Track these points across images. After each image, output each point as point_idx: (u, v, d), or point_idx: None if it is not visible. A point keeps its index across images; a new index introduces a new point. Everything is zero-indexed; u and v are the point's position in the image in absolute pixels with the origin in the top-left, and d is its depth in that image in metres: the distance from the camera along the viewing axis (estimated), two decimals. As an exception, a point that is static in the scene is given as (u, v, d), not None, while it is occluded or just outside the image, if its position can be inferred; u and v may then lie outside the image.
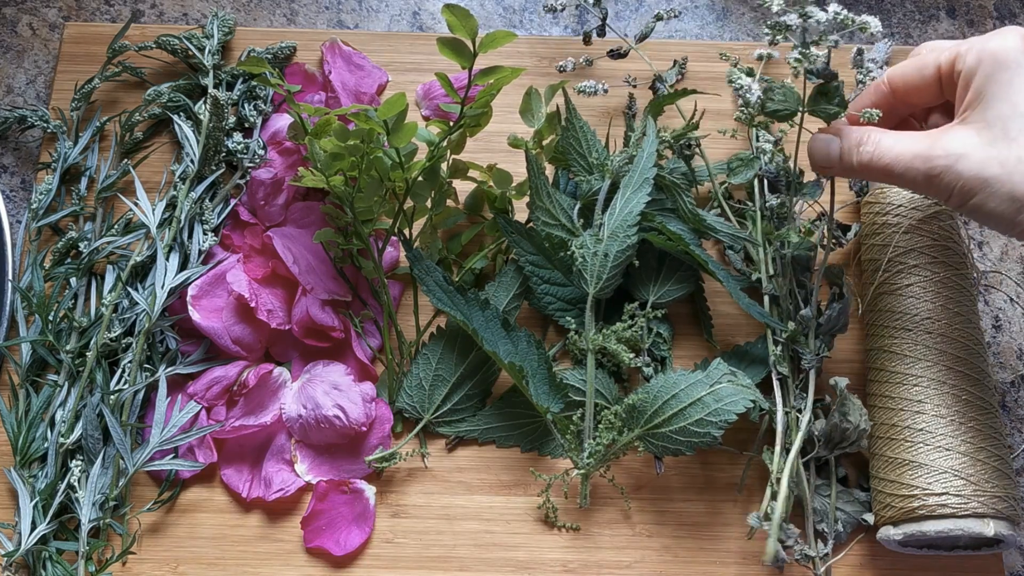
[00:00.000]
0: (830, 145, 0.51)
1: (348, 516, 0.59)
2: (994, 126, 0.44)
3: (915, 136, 0.48)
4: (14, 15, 0.72)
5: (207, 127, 0.64)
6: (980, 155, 0.44)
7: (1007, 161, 0.44)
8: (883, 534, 0.55)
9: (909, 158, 0.47)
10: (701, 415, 0.54)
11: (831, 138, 0.51)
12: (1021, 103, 0.44)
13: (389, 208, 0.61)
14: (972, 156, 0.45)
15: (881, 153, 0.48)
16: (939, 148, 0.46)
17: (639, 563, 0.59)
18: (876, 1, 0.74)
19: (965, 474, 0.53)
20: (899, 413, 0.56)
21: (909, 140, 0.47)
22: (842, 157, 0.50)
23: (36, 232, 0.65)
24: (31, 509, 0.56)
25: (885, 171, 0.48)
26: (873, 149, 0.48)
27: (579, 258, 0.59)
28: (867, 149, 0.48)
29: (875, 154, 0.48)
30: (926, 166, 0.46)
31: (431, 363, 0.60)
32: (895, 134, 0.48)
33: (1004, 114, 0.44)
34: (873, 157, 0.48)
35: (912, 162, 0.46)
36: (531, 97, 0.64)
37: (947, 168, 0.45)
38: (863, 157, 0.49)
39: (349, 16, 0.73)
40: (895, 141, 0.48)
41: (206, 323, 0.60)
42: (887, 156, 0.48)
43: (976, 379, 0.56)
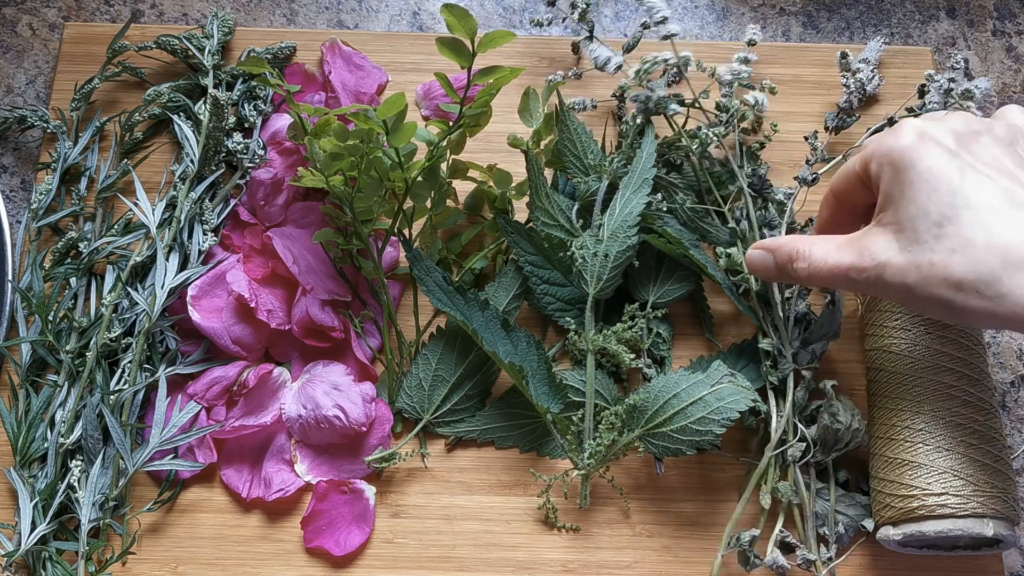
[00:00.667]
0: (766, 262, 0.53)
1: (348, 516, 0.59)
2: (905, 229, 0.45)
3: (842, 244, 0.48)
4: (14, 15, 0.72)
5: (207, 127, 0.64)
6: (899, 262, 0.45)
7: (922, 265, 0.44)
8: (883, 534, 0.55)
9: (844, 271, 0.48)
10: (703, 413, 0.54)
11: (766, 255, 0.53)
12: (923, 203, 0.44)
13: (389, 208, 0.61)
14: (893, 264, 0.45)
15: (816, 268, 0.49)
16: (867, 258, 0.46)
17: (639, 563, 0.59)
18: (876, 1, 0.74)
19: (965, 474, 0.53)
20: (899, 413, 0.56)
21: (837, 252, 0.48)
22: (779, 271, 0.52)
23: (36, 232, 0.65)
24: (31, 509, 0.56)
25: (827, 282, 0.49)
26: (807, 265, 0.50)
27: (579, 259, 0.59)
28: (801, 266, 0.50)
29: (812, 269, 0.49)
30: (860, 277, 0.47)
31: (431, 363, 0.60)
32: (825, 244, 0.49)
33: (912, 215, 0.45)
34: (811, 271, 0.49)
35: (848, 273, 0.47)
36: (529, 97, 0.64)
37: (878, 277, 0.46)
38: (800, 273, 0.50)
39: (349, 16, 0.73)
40: (825, 254, 0.49)
41: (206, 323, 0.60)
42: (823, 270, 0.49)
43: (976, 379, 0.56)
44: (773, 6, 0.74)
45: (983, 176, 0.44)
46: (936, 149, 0.45)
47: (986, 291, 0.42)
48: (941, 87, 0.63)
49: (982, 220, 0.43)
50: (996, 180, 0.44)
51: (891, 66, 0.70)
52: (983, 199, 0.43)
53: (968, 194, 0.44)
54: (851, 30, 0.74)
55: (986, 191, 0.44)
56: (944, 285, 0.43)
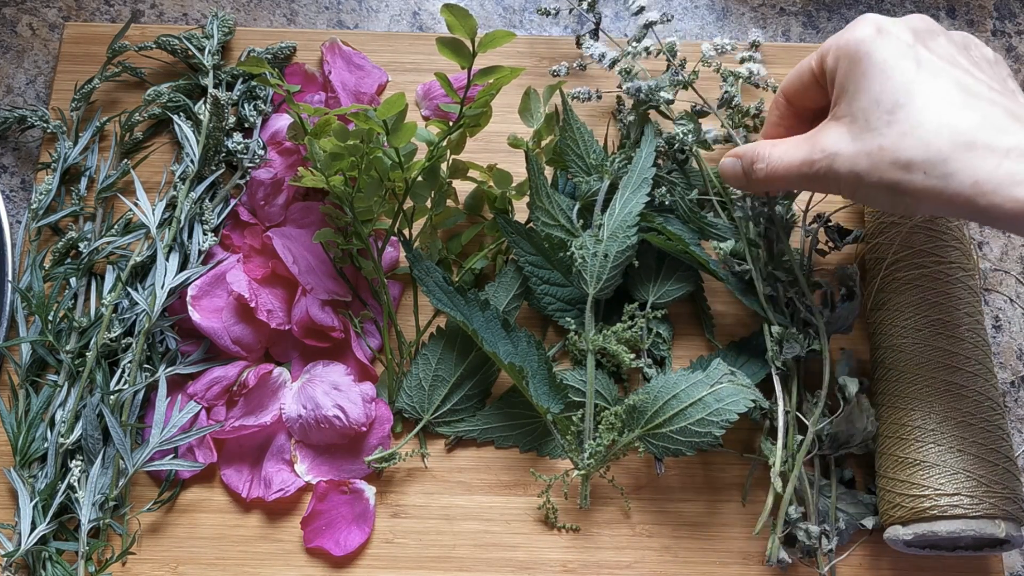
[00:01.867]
0: (735, 167, 0.54)
1: (348, 516, 0.59)
2: (858, 118, 0.46)
3: (798, 142, 0.49)
4: (14, 15, 0.72)
5: (207, 127, 0.64)
6: (850, 150, 0.46)
7: (871, 152, 0.45)
8: (891, 534, 0.55)
9: (797, 166, 0.48)
10: (702, 415, 0.54)
11: (734, 161, 0.54)
12: (877, 91, 0.45)
13: (389, 208, 0.61)
14: (844, 153, 0.46)
15: (774, 166, 0.50)
16: (817, 150, 0.47)
17: (639, 563, 0.59)
18: (876, 1, 0.74)
19: (977, 475, 0.53)
20: (909, 413, 0.56)
21: (794, 148, 0.49)
22: (745, 176, 0.53)
23: (36, 232, 0.65)
24: (31, 509, 0.56)
25: (784, 181, 0.50)
26: (766, 165, 0.51)
27: (579, 259, 0.59)
28: (760, 166, 0.51)
29: (769, 169, 0.50)
30: (811, 170, 0.48)
31: (431, 363, 0.60)
32: (783, 144, 0.50)
33: (863, 106, 0.45)
34: (768, 171, 0.50)
35: (800, 168, 0.48)
36: (530, 97, 0.64)
37: (828, 168, 0.47)
38: (759, 175, 0.51)
39: (349, 16, 0.73)
40: (783, 152, 0.50)
41: (206, 323, 0.60)
42: (779, 168, 0.50)
43: (984, 379, 0.56)
44: (773, 6, 0.74)
45: (938, 68, 0.45)
46: (893, 42, 0.46)
47: (933, 171, 0.43)
48: None
49: (934, 106, 0.44)
50: (950, 72, 0.45)
51: (891, 66, 0.70)
52: (936, 87, 0.44)
53: (922, 83, 0.44)
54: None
55: (940, 80, 0.44)
56: (893, 168, 0.44)
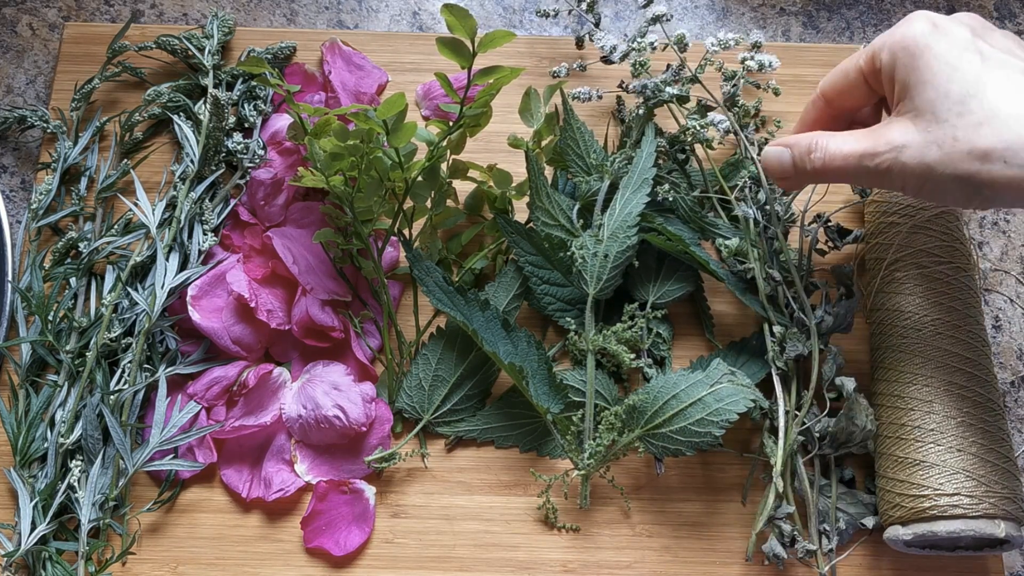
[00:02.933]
0: (782, 157, 0.52)
1: (348, 516, 0.59)
2: (925, 112, 0.45)
3: (859, 135, 0.49)
4: (14, 15, 0.72)
5: (207, 127, 0.64)
6: (919, 142, 0.45)
7: (944, 143, 0.44)
8: (891, 534, 0.55)
9: (858, 157, 0.48)
10: (702, 415, 0.54)
11: (782, 150, 0.52)
12: (943, 83, 0.45)
13: (389, 208, 0.61)
14: (912, 145, 0.45)
15: (831, 156, 0.49)
16: (882, 143, 0.47)
17: (639, 563, 0.59)
18: (876, 1, 0.74)
19: (977, 475, 0.53)
20: (909, 413, 0.56)
21: (854, 140, 0.48)
22: (795, 167, 0.51)
23: (36, 232, 0.65)
24: (31, 509, 0.56)
25: (839, 172, 0.49)
26: (823, 155, 0.49)
27: (579, 259, 0.59)
28: (817, 156, 0.50)
29: (826, 158, 0.49)
30: (874, 162, 0.47)
31: (431, 363, 0.60)
32: (841, 136, 0.49)
33: (930, 98, 0.45)
34: (825, 162, 0.49)
35: (861, 160, 0.47)
36: (530, 97, 0.64)
37: (894, 160, 0.46)
38: (815, 164, 0.50)
39: (349, 16, 0.73)
40: (842, 142, 0.49)
41: (206, 323, 0.60)
42: (837, 158, 0.49)
43: (984, 379, 0.56)
44: (773, 6, 0.74)
45: (1002, 60, 0.45)
46: (953, 36, 0.46)
47: (1014, 159, 0.42)
48: None
49: (1008, 95, 0.43)
50: (1013, 63, 0.45)
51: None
52: (1006, 77, 0.44)
53: (991, 74, 0.44)
54: (851, 30, 0.74)
55: (1008, 71, 0.44)
56: (969, 158, 0.43)
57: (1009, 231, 0.68)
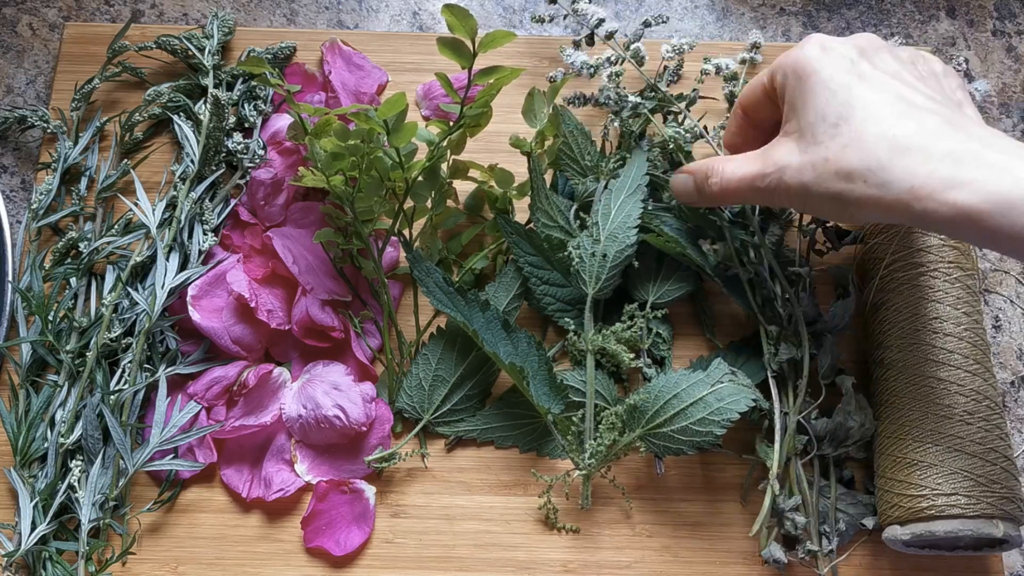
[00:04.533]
0: (687, 183, 0.55)
1: (348, 516, 0.59)
2: (805, 134, 0.47)
3: (751, 157, 0.51)
4: (14, 15, 0.72)
5: (207, 127, 0.64)
6: (798, 163, 0.47)
7: (816, 163, 0.46)
8: (889, 534, 0.55)
9: (750, 180, 0.50)
10: (703, 414, 0.54)
11: (686, 177, 0.55)
12: (822, 106, 0.47)
13: (389, 208, 0.61)
14: (792, 165, 0.47)
15: (727, 180, 0.51)
16: (769, 164, 0.49)
17: (639, 563, 0.59)
18: (876, 1, 0.74)
19: (975, 475, 0.53)
20: (907, 412, 0.56)
21: (746, 163, 0.50)
22: (698, 191, 0.54)
23: (36, 232, 0.65)
24: (31, 509, 0.56)
25: (736, 194, 0.51)
26: (719, 179, 0.52)
27: (575, 259, 0.59)
28: (715, 180, 0.52)
29: (722, 183, 0.51)
30: (763, 183, 0.49)
31: (431, 363, 0.60)
32: (735, 160, 0.51)
33: (810, 120, 0.47)
34: (722, 186, 0.52)
35: (753, 182, 0.50)
36: (533, 98, 0.63)
37: (779, 181, 0.48)
38: (713, 188, 0.52)
39: (349, 16, 0.73)
40: (736, 167, 0.51)
41: (206, 323, 0.60)
42: (732, 182, 0.51)
43: (983, 379, 0.56)
44: (773, 6, 0.74)
45: (879, 82, 0.47)
46: (838, 59, 0.48)
47: (872, 179, 0.44)
48: None
49: (874, 116, 0.45)
50: (891, 85, 0.46)
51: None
52: (877, 99, 0.46)
53: (864, 96, 0.46)
54: (851, 30, 0.74)
55: (882, 93, 0.46)
56: (836, 178, 0.45)
57: (1009, 231, 0.68)
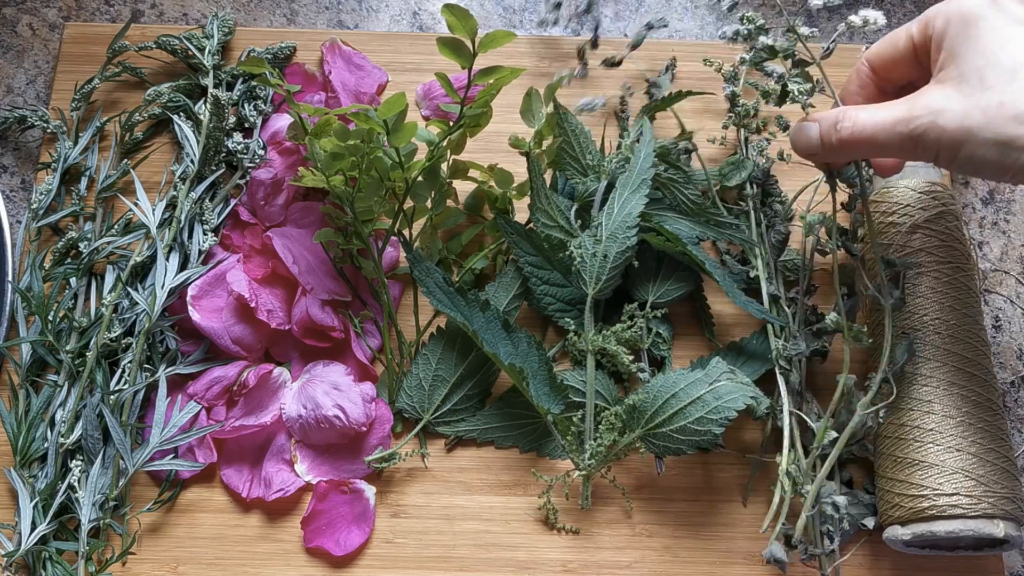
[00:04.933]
0: (809, 131, 0.51)
1: (348, 516, 0.59)
2: (970, 79, 0.45)
3: (891, 104, 0.47)
4: (14, 15, 0.72)
5: (207, 127, 0.64)
6: (960, 107, 0.44)
7: (988, 107, 0.44)
8: (890, 534, 0.55)
9: (891, 124, 0.46)
10: (701, 413, 0.54)
11: (809, 124, 0.51)
12: (993, 52, 0.44)
13: (389, 208, 0.61)
14: (953, 109, 0.45)
15: (861, 126, 0.48)
16: (919, 108, 0.46)
17: (639, 563, 0.59)
18: (876, 2, 0.74)
19: (975, 475, 0.53)
20: (908, 413, 0.56)
21: (886, 109, 0.47)
22: (822, 140, 0.50)
23: (36, 232, 0.65)
24: (31, 509, 0.56)
25: (869, 142, 0.48)
26: (852, 124, 0.48)
27: (577, 259, 0.59)
28: (846, 125, 0.48)
29: (855, 128, 0.48)
30: (908, 128, 0.46)
31: (431, 363, 0.60)
32: (870, 107, 0.48)
33: (978, 65, 0.45)
34: (854, 131, 0.48)
35: (895, 127, 0.46)
36: (531, 98, 0.63)
37: (931, 124, 0.45)
38: (843, 134, 0.48)
39: (349, 16, 0.73)
40: (872, 112, 0.48)
41: (206, 323, 0.60)
42: (868, 127, 0.47)
43: (983, 380, 0.56)
44: (773, 6, 0.74)
45: None
46: (1009, 12, 0.45)
47: None
48: None
49: None
50: None
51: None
52: None
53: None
54: (851, 30, 0.73)
55: None
56: (1013, 122, 0.43)
57: (1009, 231, 0.68)
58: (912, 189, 0.60)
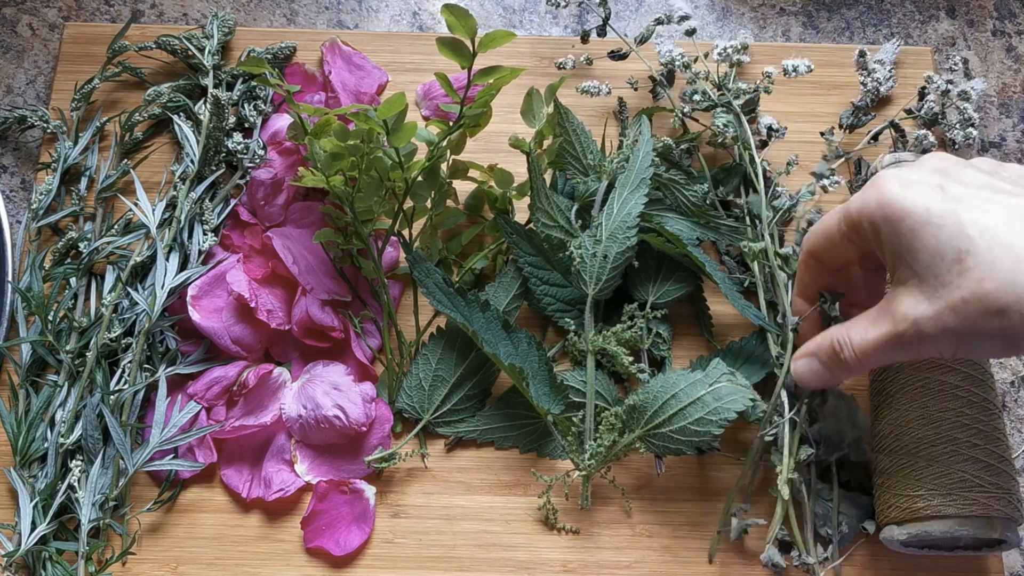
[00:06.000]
0: (813, 367, 0.51)
1: (348, 516, 0.59)
2: (925, 278, 0.44)
3: (872, 318, 0.47)
4: (14, 15, 0.72)
5: (207, 127, 0.64)
6: (931, 311, 0.43)
7: (956, 307, 0.42)
8: (886, 534, 0.55)
9: (886, 344, 0.46)
10: (701, 414, 0.54)
11: (810, 360, 0.51)
12: (933, 247, 0.43)
13: (389, 208, 0.61)
14: (926, 315, 0.44)
15: (862, 351, 0.48)
16: (900, 322, 0.45)
17: (639, 563, 0.59)
18: (876, 1, 0.74)
19: (970, 475, 0.53)
20: (904, 413, 0.56)
21: (872, 326, 0.47)
22: (829, 369, 0.50)
23: (36, 232, 0.65)
24: (31, 509, 0.56)
25: (875, 362, 0.48)
26: (851, 353, 0.48)
27: (577, 259, 0.59)
28: (848, 355, 0.48)
29: (858, 356, 0.48)
30: (901, 344, 0.46)
31: (431, 363, 0.60)
32: (857, 326, 0.48)
33: (927, 263, 0.43)
34: (859, 359, 0.48)
35: (891, 344, 0.46)
36: (532, 98, 0.64)
37: (917, 335, 0.44)
38: (851, 364, 0.49)
39: (349, 16, 0.73)
40: (864, 334, 0.47)
41: (206, 323, 0.60)
42: (868, 352, 0.47)
43: (979, 379, 0.56)
44: (773, 6, 0.74)
45: (982, 200, 0.43)
46: (924, 190, 0.44)
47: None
48: (939, 88, 0.64)
49: (1000, 239, 0.41)
50: (997, 200, 0.43)
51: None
52: (993, 220, 0.42)
53: (976, 220, 0.42)
54: (851, 30, 0.74)
55: (992, 212, 0.42)
56: (987, 317, 0.42)
57: (1009, 231, 0.68)
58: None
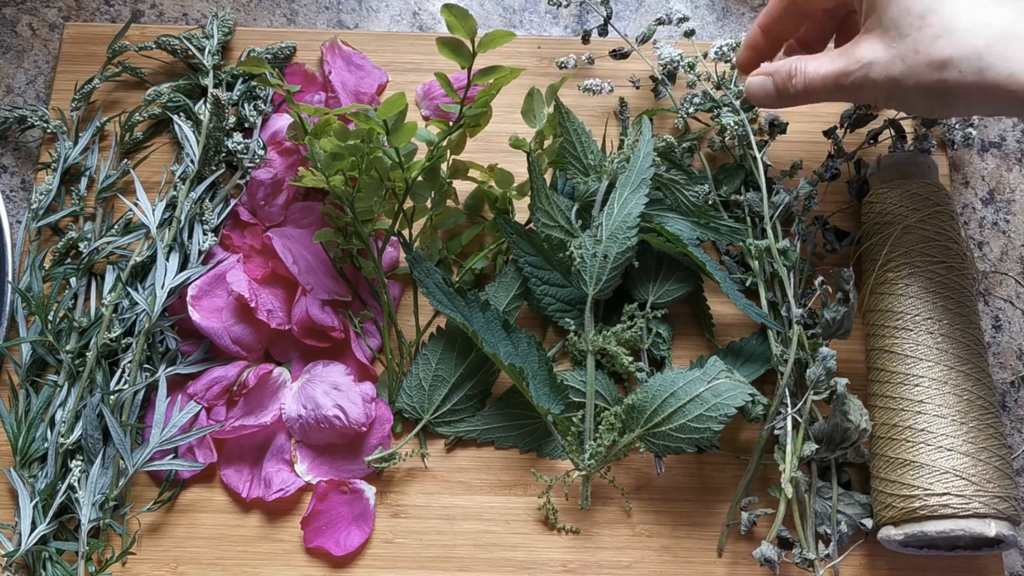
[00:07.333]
0: (765, 85, 0.55)
1: (348, 516, 0.59)
2: (889, 28, 0.48)
3: (832, 55, 0.52)
4: (14, 15, 0.72)
5: (207, 127, 0.64)
6: (885, 57, 0.48)
7: (906, 56, 0.47)
8: (884, 534, 0.55)
9: (834, 78, 0.51)
10: (700, 411, 0.54)
11: (764, 79, 0.55)
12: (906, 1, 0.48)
13: (389, 208, 0.61)
14: (879, 60, 0.49)
15: (810, 79, 0.52)
16: (853, 61, 0.50)
17: (639, 563, 0.59)
18: None
19: (967, 474, 0.53)
20: (900, 413, 0.56)
21: (829, 61, 0.52)
22: (778, 91, 0.55)
23: (36, 232, 0.65)
24: (31, 509, 0.56)
25: (819, 93, 0.52)
26: (803, 78, 0.52)
27: (577, 259, 0.59)
28: (798, 80, 0.53)
29: (806, 82, 0.52)
30: (848, 80, 0.50)
31: (431, 363, 0.60)
32: (816, 58, 0.52)
33: (894, 15, 0.48)
34: (806, 84, 0.52)
35: (837, 80, 0.51)
36: (533, 98, 0.63)
37: (864, 77, 0.49)
38: (796, 87, 0.53)
39: (349, 16, 0.73)
40: (818, 65, 0.52)
41: (206, 323, 0.60)
42: (816, 80, 0.52)
43: (977, 379, 0.56)
44: (773, 6, 0.74)
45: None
46: None
47: (969, 67, 0.46)
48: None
49: (963, 9, 0.46)
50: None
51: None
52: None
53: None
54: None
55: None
56: (929, 69, 0.47)
57: (1009, 231, 0.68)
58: (906, 190, 0.60)
